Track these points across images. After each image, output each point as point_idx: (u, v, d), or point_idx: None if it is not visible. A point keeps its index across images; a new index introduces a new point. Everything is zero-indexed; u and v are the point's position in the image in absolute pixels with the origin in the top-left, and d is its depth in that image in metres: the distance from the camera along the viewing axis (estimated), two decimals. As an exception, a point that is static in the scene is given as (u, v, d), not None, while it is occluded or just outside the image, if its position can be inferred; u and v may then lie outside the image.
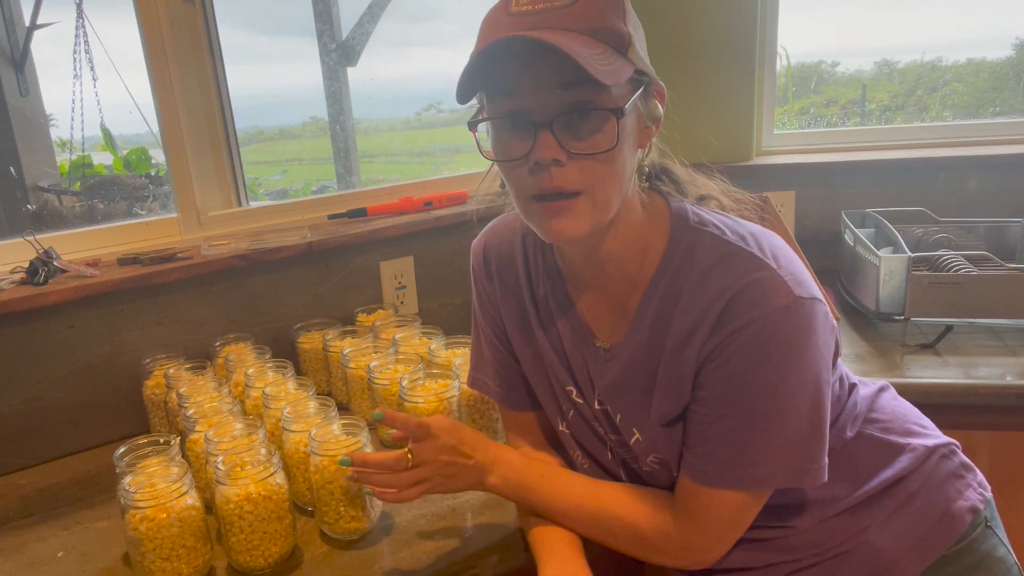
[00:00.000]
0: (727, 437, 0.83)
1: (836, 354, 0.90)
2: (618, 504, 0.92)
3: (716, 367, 0.82)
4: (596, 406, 0.95)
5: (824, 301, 0.82)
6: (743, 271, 0.80)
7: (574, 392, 0.97)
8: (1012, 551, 0.97)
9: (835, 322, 0.86)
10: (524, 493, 0.97)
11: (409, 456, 0.94)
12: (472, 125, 0.83)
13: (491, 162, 0.85)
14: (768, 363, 0.79)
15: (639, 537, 0.90)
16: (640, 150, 0.86)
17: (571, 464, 1.06)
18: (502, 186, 0.93)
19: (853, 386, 0.98)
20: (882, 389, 1.03)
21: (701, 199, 0.93)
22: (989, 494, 0.97)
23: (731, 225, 0.87)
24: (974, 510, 0.94)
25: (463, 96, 0.79)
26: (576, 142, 0.77)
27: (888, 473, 0.93)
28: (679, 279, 0.85)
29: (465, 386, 1.19)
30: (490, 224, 1.07)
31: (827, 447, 0.84)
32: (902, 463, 0.94)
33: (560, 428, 1.03)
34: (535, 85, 0.76)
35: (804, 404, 0.81)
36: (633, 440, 0.93)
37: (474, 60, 0.76)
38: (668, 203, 0.90)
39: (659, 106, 0.84)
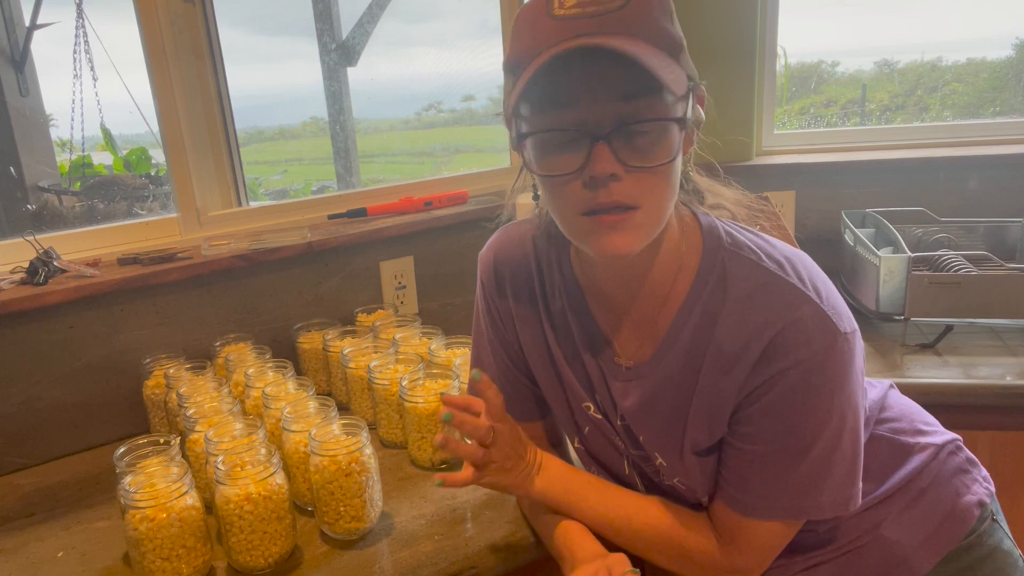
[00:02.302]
0: (773, 472, 0.82)
1: None
2: (666, 522, 0.91)
3: (761, 406, 0.81)
4: (618, 422, 0.94)
5: (857, 328, 0.82)
6: (786, 305, 0.78)
7: (592, 408, 0.95)
8: (1016, 544, 0.98)
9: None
10: (569, 499, 0.95)
11: (493, 432, 0.90)
12: (521, 139, 0.77)
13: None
14: (815, 400, 0.79)
15: (685, 557, 0.90)
16: (683, 156, 0.81)
17: None
18: (535, 196, 0.89)
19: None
20: (888, 388, 1.04)
21: (712, 208, 0.91)
22: (993, 488, 0.98)
23: (766, 249, 0.84)
24: (982, 504, 0.95)
25: (520, 108, 0.74)
26: (634, 154, 0.73)
27: (900, 473, 0.94)
28: (714, 305, 0.82)
29: (465, 387, 1.19)
30: (497, 234, 1.02)
31: (861, 468, 0.84)
32: (913, 462, 0.95)
33: (575, 444, 1.02)
34: (591, 96, 0.71)
35: (847, 434, 0.81)
36: (658, 462, 0.92)
37: (533, 76, 0.70)
38: (697, 217, 0.87)
39: (701, 110, 0.81)
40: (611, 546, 0.94)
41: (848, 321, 0.80)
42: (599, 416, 0.95)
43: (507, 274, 0.99)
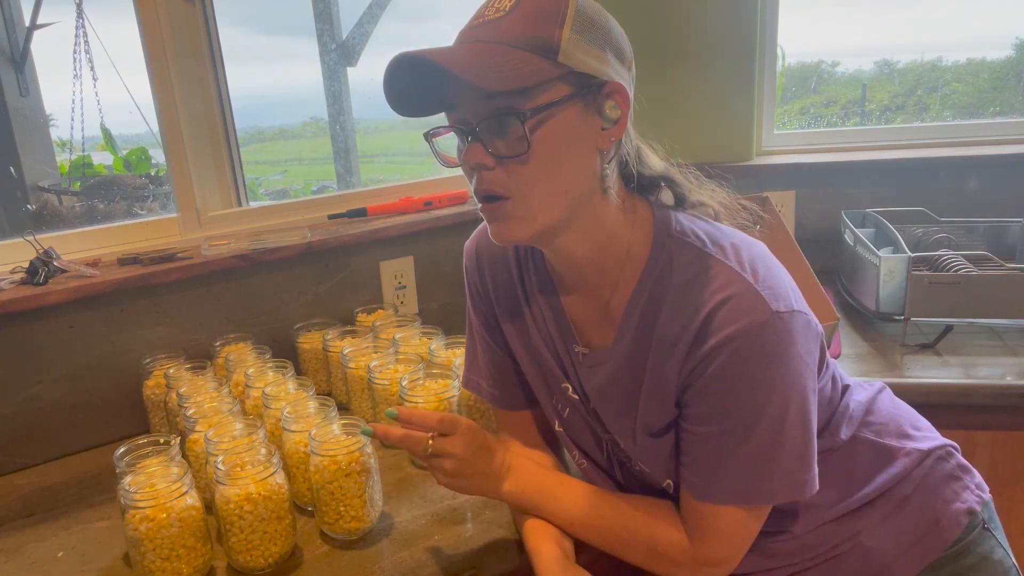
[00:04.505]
0: (721, 454, 0.82)
1: (822, 360, 0.89)
2: (637, 519, 0.92)
3: (700, 387, 0.82)
4: (590, 405, 0.96)
5: (805, 311, 0.82)
6: (719, 286, 0.80)
7: (570, 389, 0.97)
8: (1011, 553, 0.97)
9: (819, 328, 0.85)
10: (540, 501, 0.96)
11: (429, 442, 0.91)
12: (427, 137, 0.87)
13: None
14: (751, 380, 0.79)
15: (657, 553, 0.90)
16: (601, 151, 0.82)
17: (567, 464, 1.07)
18: None
19: (846, 387, 0.98)
20: (879, 391, 1.03)
21: (695, 205, 0.91)
22: (987, 496, 0.97)
23: (713, 235, 0.85)
24: (971, 512, 0.93)
25: (413, 110, 0.83)
26: (504, 146, 0.78)
27: (882, 478, 0.93)
28: (659, 290, 0.84)
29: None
30: (482, 224, 1.06)
31: (816, 456, 0.84)
32: (896, 467, 0.94)
33: (556, 428, 1.03)
34: (465, 96, 0.79)
35: (792, 416, 0.80)
36: (622, 445, 0.93)
37: (388, 77, 0.79)
38: (652, 209, 0.89)
39: (616, 108, 0.80)
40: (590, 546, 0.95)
41: (785, 302, 0.79)
42: (576, 397, 0.97)
43: (487, 260, 1.03)
